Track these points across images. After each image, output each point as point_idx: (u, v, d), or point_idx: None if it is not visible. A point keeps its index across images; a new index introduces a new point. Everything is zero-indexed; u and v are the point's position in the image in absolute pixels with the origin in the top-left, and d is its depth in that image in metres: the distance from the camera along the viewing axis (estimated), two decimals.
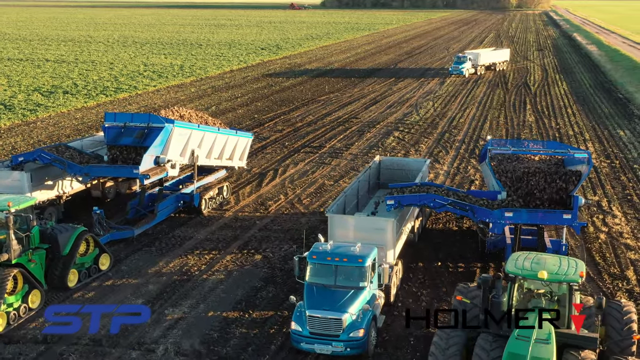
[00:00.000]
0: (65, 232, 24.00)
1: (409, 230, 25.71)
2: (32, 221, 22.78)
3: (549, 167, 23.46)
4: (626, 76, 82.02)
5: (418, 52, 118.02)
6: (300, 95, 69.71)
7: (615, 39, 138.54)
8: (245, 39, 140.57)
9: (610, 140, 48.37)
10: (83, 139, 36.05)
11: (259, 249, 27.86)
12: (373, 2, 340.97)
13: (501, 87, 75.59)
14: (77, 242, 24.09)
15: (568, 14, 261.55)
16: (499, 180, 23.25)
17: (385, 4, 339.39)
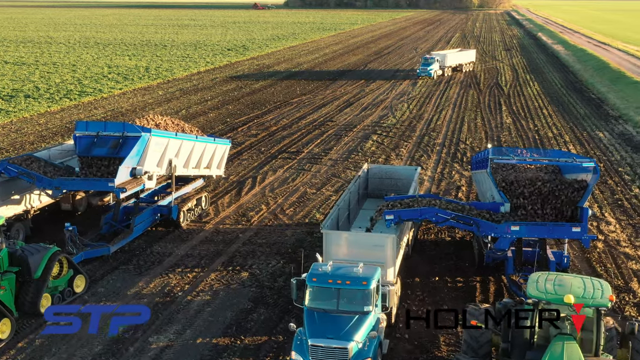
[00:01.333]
0: (36, 254, 22.08)
1: (405, 245, 24.38)
2: (1, 243, 20.83)
3: (551, 177, 22.33)
4: (596, 76, 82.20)
5: (386, 52, 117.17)
6: (271, 98, 68.05)
7: (580, 38, 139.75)
8: (210, 39, 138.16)
9: (591, 142, 47.81)
10: (50, 148, 33.88)
11: (245, 265, 26.24)
12: (336, 2, 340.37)
13: (474, 87, 74.96)
14: (49, 263, 22.19)
15: (530, 14, 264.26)
16: (502, 192, 22.01)
17: (349, 4, 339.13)
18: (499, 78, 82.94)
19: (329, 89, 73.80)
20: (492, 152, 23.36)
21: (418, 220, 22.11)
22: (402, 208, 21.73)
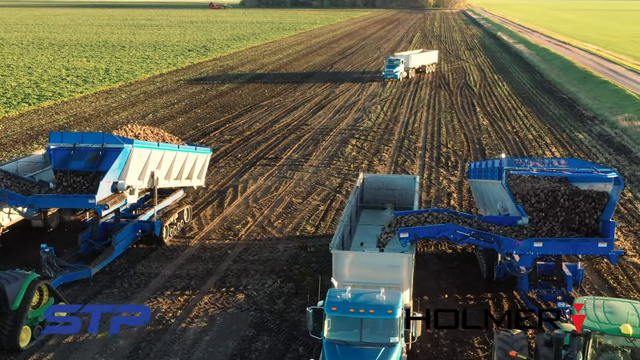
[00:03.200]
0: (13, 282, 19.90)
1: None
2: None
3: (569, 189, 21.07)
4: (562, 76, 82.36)
5: (350, 52, 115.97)
6: (240, 100, 66.05)
7: (540, 37, 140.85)
8: (169, 39, 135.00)
9: (572, 144, 47.20)
10: (18, 160, 31.53)
11: (239, 285, 24.42)
12: (293, 1, 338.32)
13: (444, 88, 74.20)
14: (28, 292, 20.04)
15: (485, 13, 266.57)
16: (520, 205, 20.67)
17: (305, 3, 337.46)
18: (467, 78, 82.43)
19: (298, 91, 72.11)
20: (507, 163, 22.07)
21: (435, 238, 20.68)
22: (418, 225, 20.23)
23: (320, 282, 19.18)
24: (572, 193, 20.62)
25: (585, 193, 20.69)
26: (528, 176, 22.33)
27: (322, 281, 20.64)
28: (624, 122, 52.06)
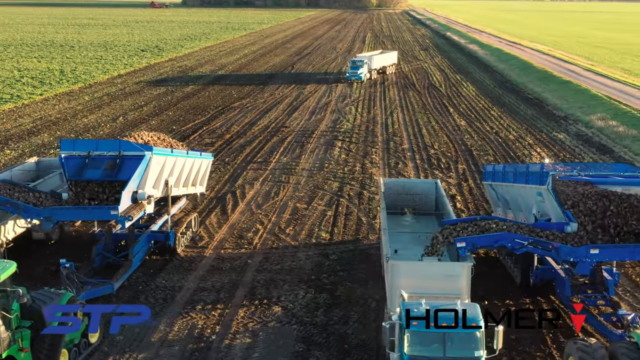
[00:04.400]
0: (49, 302, 18.58)
1: None
2: (22, 297, 17.24)
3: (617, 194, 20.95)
4: (523, 76, 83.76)
5: (306, 52, 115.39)
6: (209, 102, 64.63)
7: (490, 38, 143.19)
8: (118, 39, 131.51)
9: (554, 144, 47.83)
10: (12, 168, 29.80)
11: (271, 297, 23.53)
12: (236, 0, 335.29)
13: (411, 89, 74.46)
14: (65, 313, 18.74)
15: (428, 13, 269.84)
16: (569, 211, 20.46)
17: (248, 3, 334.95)
18: (431, 79, 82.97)
19: (266, 92, 71.10)
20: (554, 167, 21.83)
21: (493, 247, 20.25)
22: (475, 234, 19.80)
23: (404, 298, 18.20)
24: (622, 198, 20.53)
25: (636, 197, 20.61)
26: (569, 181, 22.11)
27: (354, 290, 19.94)
28: (599, 122, 53.12)
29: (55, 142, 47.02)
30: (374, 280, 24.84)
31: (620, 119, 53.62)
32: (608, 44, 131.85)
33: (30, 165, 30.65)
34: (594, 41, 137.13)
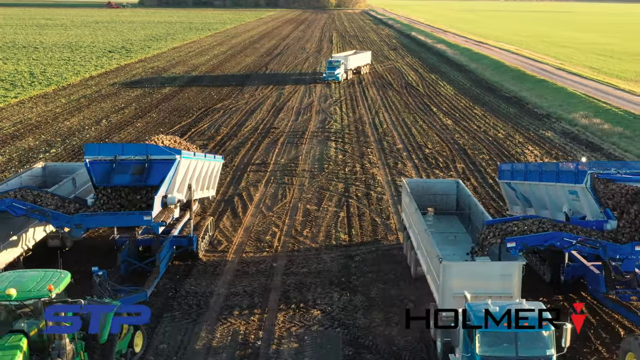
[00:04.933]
0: (99, 312, 18.05)
1: None
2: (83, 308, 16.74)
3: None
4: (497, 75, 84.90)
5: (276, 53, 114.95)
6: (191, 104, 63.86)
7: (455, 37, 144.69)
8: (82, 40, 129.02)
9: (544, 142, 48.56)
10: (21, 174, 28.90)
11: (306, 300, 23.33)
12: (195, 0, 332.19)
13: (389, 88, 74.80)
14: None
15: (389, 13, 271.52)
16: (608, 209, 20.78)
17: (207, 3, 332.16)
18: (407, 78, 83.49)
19: (246, 93, 70.60)
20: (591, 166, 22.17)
21: (542, 247, 20.43)
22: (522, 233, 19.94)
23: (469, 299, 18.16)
24: None
25: None
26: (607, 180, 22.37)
27: (388, 291, 19.93)
28: (582, 120, 54.15)
29: (43, 146, 46.00)
30: (404, 281, 24.85)
31: (602, 116, 54.76)
32: (572, 43, 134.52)
33: (37, 170, 29.82)
34: (558, 40, 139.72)
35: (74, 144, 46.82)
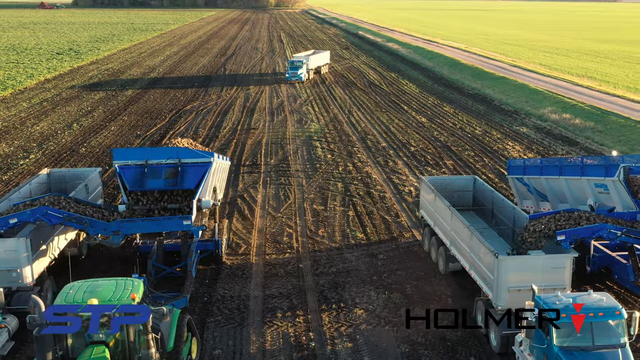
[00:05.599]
0: (162, 319, 17.68)
1: None
2: (166, 315, 16.36)
3: None
4: (455, 73, 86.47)
5: (229, 53, 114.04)
6: (159, 106, 62.81)
7: (403, 36, 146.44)
8: (24, 42, 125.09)
9: (522, 137, 49.76)
10: (30, 181, 27.90)
11: (345, 300, 23.36)
12: (131, 0, 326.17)
13: (354, 87, 75.28)
14: (180, 330, 17.91)
15: (330, 13, 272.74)
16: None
17: (144, 3, 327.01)
18: (368, 77, 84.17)
19: (212, 94, 69.88)
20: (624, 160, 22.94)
21: (590, 238, 21.02)
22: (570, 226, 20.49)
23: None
24: None
25: None
26: None
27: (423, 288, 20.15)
28: (553, 115, 55.79)
29: (19, 152, 44.58)
30: (434, 277, 25.17)
31: (570, 111, 56.54)
32: (514, 40, 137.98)
33: (43, 177, 28.86)
34: (501, 38, 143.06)
35: (52, 149, 45.47)
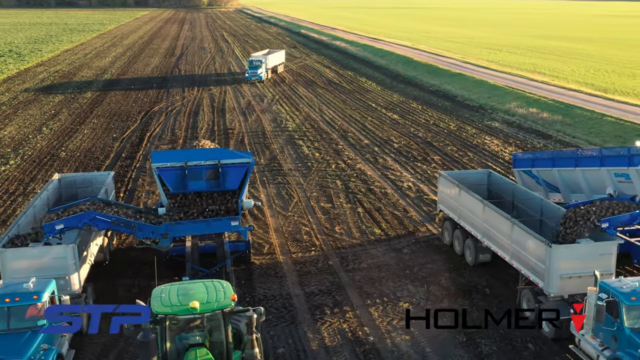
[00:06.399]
0: (239, 322, 17.68)
1: None
2: (262, 315, 16.33)
3: None
4: (411, 70, 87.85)
5: (178, 53, 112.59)
6: (127, 108, 61.72)
7: (347, 34, 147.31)
8: None
9: (495, 132, 51.18)
10: (47, 187, 27.19)
11: (387, 294, 23.83)
12: (57, 0, 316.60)
13: (315, 86, 75.70)
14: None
15: (265, 12, 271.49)
16: None
17: (72, 3, 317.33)
18: (326, 76, 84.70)
19: (175, 95, 69.06)
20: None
21: (631, 224, 22.08)
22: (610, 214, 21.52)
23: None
24: None
25: None
26: None
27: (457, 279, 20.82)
28: (520, 110, 57.63)
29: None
30: (464, 269, 25.89)
31: (536, 106, 58.52)
32: (456, 38, 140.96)
33: (55, 183, 28.17)
34: (443, 36, 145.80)
35: (30, 154, 44.22)
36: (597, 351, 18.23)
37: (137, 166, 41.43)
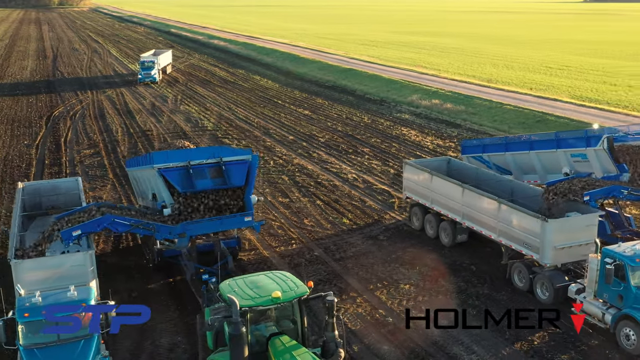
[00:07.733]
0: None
1: None
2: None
3: None
4: (300, 66, 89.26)
5: (50, 56, 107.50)
6: (23, 114, 58.83)
7: (220, 33, 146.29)
8: None
9: (411, 123, 53.78)
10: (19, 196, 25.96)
11: (384, 278, 25.01)
12: None
13: (212, 84, 75.52)
14: None
15: (124, 11, 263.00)
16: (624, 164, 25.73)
17: None
18: (217, 74, 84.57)
19: (71, 99, 66.84)
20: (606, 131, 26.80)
21: (607, 197, 24.56)
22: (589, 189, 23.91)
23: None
24: None
25: None
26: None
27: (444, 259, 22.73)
28: (423, 102, 60.74)
29: None
30: (444, 249, 27.59)
31: (436, 97, 61.89)
32: (331, 35, 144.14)
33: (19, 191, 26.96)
34: (317, 33, 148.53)
35: None
36: (602, 310, 20.41)
37: (69, 172, 39.91)
